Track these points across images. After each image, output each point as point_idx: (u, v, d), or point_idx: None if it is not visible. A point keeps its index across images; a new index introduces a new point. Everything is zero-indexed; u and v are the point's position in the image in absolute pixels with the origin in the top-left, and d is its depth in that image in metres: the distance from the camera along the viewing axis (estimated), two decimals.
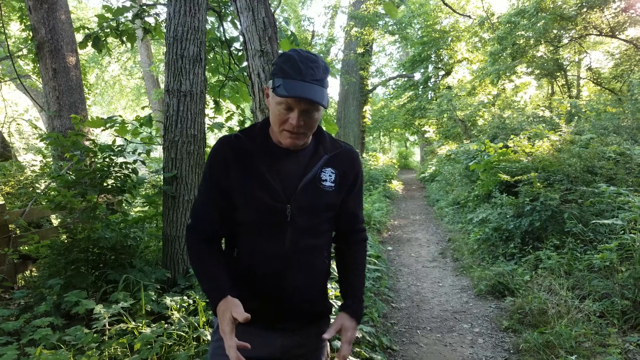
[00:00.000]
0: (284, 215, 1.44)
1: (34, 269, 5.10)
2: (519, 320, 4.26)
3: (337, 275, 1.71)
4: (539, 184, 5.98)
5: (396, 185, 16.40)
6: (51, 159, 7.26)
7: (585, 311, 3.93)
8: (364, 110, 20.54)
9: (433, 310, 5.02)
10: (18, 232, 4.89)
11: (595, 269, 4.49)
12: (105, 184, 4.35)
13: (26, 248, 4.65)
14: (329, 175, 1.50)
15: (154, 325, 3.09)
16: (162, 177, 4.45)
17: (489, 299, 5.14)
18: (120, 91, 27.23)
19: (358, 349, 3.48)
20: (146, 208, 5.39)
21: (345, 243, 1.68)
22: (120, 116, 4.59)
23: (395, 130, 26.40)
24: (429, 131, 19.04)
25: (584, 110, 9.34)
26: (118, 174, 4.34)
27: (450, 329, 4.47)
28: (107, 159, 4.32)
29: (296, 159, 1.48)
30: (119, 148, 4.40)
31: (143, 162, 4.57)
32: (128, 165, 4.41)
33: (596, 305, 4.00)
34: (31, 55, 8.51)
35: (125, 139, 4.56)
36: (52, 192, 4.64)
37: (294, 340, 1.54)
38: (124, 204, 4.79)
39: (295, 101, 1.32)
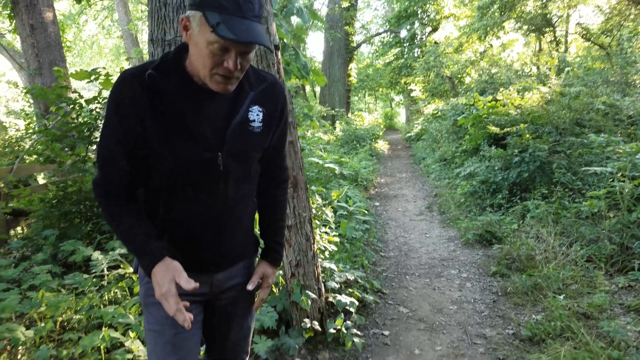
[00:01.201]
0: (216, 165, 1.28)
1: (25, 226, 5.04)
2: (506, 265, 4.33)
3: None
4: (528, 135, 6.00)
5: (382, 145, 16.39)
6: (34, 118, 7.15)
7: (572, 256, 4.01)
8: (349, 68, 20.23)
9: (421, 258, 5.09)
10: (6, 190, 4.81)
11: (583, 216, 4.56)
12: (93, 138, 4.26)
13: (17, 203, 4.57)
14: (257, 115, 1.33)
15: None
16: None
17: (476, 247, 5.22)
18: (99, 52, 26.46)
19: (351, 290, 3.52)
20: None
21: (266, 183, 1.53)
22: (104, 68, 4.44)
23: (380, 90, 26.18)
24: (415, 89, 18.88)
25: (572, 65, 9.32)
26: None
27: (438, 274, 4.53)
28: (94, 112, 4.21)
29: (220, 98, 1.27)
30: (105, 100, 4.26)
31: None
32: None
33: (583, 251, 4.08)
34: (6, 12, 8.19)
35: None
36: (40, 146, 4.54)
37: (225, 275, 1.47)
38: None
39: (234, 42, 1.11)
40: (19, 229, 5.06)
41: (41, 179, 6.57)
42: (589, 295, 3.44)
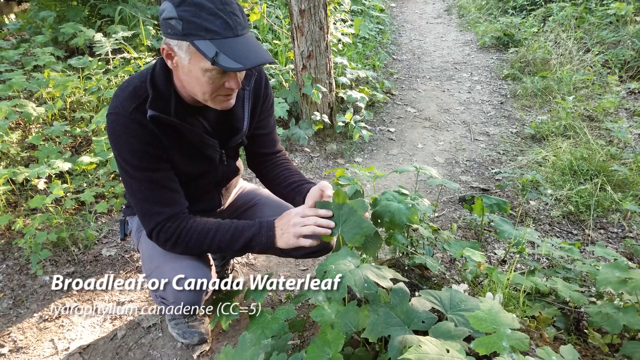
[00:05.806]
0: (220, 161, 1.35)
1: (18, 13, 4.83)
2: (520, 69, 4.28)
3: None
4: None
5: None
6: None
7: (588, 61, 3.92)
8: None
9: (434, 61, 5.01)
10: None
11: (607, 21, 4.32)
12: None
13: None
14: (246, 109, 1.31)
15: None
16: None
17: (492, 51, 5.08)
18: None
19: (361, 88, 3.56)
20: None
21: (268, 166, 1.50)
22: None
23: None
24: None
25: None
26: None
27: (449, 77, 4.51)
28: None
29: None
30: None
31: None
32: None
33: (601, 56, 3.97)
34: None
35: None
36: None
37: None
38: None
39: None
40: (12, 15, 4.88)
41: None
42: (598, 98, 3.46)
